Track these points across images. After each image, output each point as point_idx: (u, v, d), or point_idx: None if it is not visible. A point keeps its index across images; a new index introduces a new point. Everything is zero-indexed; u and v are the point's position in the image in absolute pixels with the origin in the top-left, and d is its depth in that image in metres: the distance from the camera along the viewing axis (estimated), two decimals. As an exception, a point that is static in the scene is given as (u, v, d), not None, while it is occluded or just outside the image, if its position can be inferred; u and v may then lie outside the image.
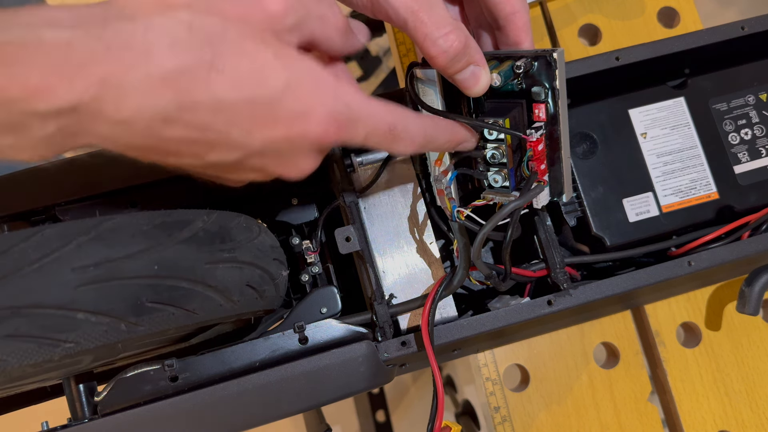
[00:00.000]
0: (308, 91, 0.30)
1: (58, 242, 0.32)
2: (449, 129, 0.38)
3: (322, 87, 0.31)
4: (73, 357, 0.33)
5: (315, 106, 0.30)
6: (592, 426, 0.58)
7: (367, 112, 0.32)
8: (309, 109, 0.30)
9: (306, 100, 0.30)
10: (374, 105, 0.33)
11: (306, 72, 0.30)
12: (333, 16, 0.34)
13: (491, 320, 0.43)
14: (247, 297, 0.39)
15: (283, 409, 0.41)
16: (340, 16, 0.34)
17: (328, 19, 0.33)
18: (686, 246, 0.48)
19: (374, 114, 0.33)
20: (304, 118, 0.30)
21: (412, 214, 0.47)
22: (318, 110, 0.30)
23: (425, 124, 0.36)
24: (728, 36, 0.48)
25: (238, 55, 0.28)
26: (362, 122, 0.32)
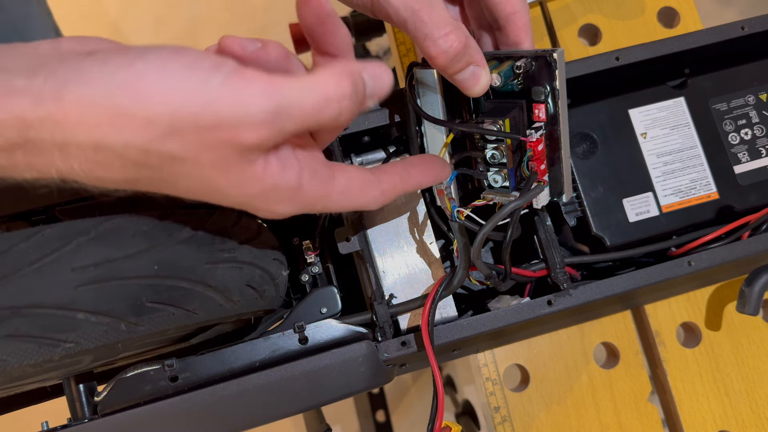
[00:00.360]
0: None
1: (58, 242, 0.32)
2: (420, 177, 0.38)
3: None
4: (73, 357, 0.33)
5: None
6: (592, 426, 0.58)
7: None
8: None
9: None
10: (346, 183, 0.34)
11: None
12: (315, 106, 0.29)
13: (491, 320, 0.43)
14: (247, 297, 0.39)
15: (283, 409, 0.41)
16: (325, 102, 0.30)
17: (311, 115, 0.29)
18: (686, 246, 0.48)
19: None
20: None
21: (412, 214, 0.47)
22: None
23: (395, 182, 0.36)
24: (728, 36, 0.48)
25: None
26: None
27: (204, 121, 0.27)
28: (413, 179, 0.37)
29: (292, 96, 0.28)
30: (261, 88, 0.27)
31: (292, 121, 0.28)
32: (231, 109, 0.27)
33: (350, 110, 0.30)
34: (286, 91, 0.28)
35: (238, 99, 0.27)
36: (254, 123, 0.27)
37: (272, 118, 0.28)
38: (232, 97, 0.27)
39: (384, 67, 0.32)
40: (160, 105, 0.26)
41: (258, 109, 0.27)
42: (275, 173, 0.30)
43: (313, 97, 0.29)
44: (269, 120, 0.28)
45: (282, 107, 0.28)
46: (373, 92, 0.32)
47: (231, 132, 0.27)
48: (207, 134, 0.27)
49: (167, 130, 0.27)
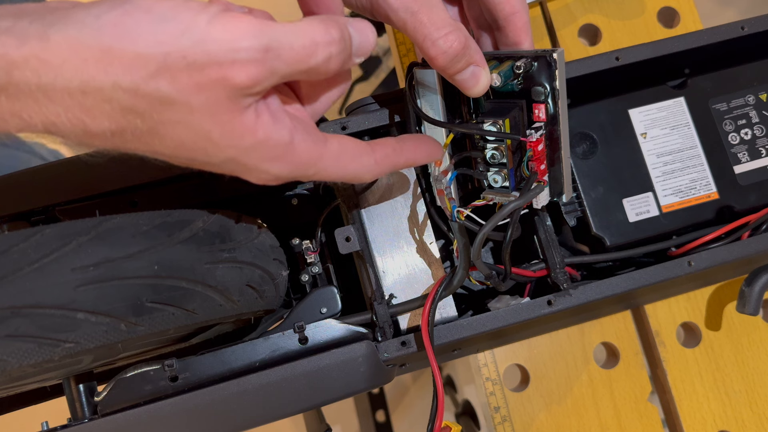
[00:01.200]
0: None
1: (58, 242, 0.32)
2: (411, 154, 0.38)
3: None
4: (73, 357, 0.33)
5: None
6: (592, 426, 0.58)
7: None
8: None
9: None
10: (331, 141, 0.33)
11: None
12: (309, 50, 0.29)
13: (491, 320, 0.43)
14: (247, 297, 0.39)
15: (283, 409, 0.41)
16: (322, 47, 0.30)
17: (305, 59, 0.29)
18: (686, 246, 0.48)
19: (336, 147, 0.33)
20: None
21: (412, 214, 0.47)
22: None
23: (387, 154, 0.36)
24: (728, 36, 0.48)
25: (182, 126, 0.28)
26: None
27: (194, 58, 0.26)
28: (406, 152, 0.37)
29: (282, 37, 0.28)
30: (251, 25, 0.27)
31: (283, 62, 0.28)
32: (221, 46, 0.27)
33: (339, 59, 0.30)
34: (276, 31, 0.28)
35: (227, 36, 0.27)
36: (245, 59, 0.27)
37: (262, 56, 0.27)
38: (222, 34, 0.27)
39: (369, 24, 0.32)
40: (148, 43, 0.26)
41: (248, 44, 0.27)
42: (267, 125, 0.30)
43: (302, 39, 0.28)
44: (260, 58, 0.27)
45: (273, 45, 0.27)
46: (359, 47, 0.31)
47: (222, 70, 0.27)
48: (197, 73, 0.27)
49: (156, 69, 0.26)
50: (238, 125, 0.29)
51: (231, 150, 0.30)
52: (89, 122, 0.27)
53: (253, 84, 0.28)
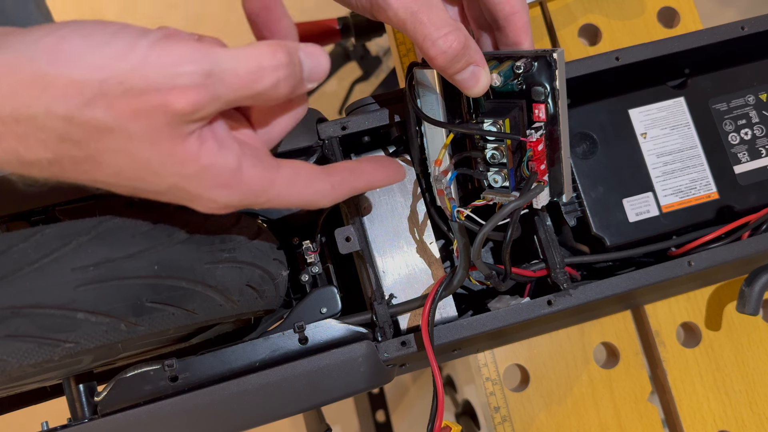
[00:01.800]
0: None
1: (58, 242, 0.32)
2: (367, 178, 0.37)
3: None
4: (73, 357, 0.33)
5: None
6: (592, 426, 0.58)
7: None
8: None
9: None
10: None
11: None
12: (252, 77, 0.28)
13: (491, 320, 0.43)
14: (247, 297, 0.39)
15: (283, 409, 0.41)
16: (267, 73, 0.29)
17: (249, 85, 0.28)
18: (686, 246, 0.48)
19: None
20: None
21: (412, 214, 0.47)
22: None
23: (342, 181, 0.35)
24: (728, 36, 0.48)
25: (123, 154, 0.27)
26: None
27: (131, 84, 0.25)
28: (365, 175, 0.36)
29: (226, 62, 0.27)
30: (193, 50, 0.26)
31: (226, 87, 0.27)
32: (159, 71, 0.26)
33: (287, 84, 0.29)
34: (219, 56, 0.27)
35: (167, 60, 0.26)
36: (185, 85, 0.26)
37: (204, 81, 0.26)
38: (161, 59, 0.26)
39: (321, 49, 0.31)
40: (84, 68, 0.25)
41: (188, 69, 0.26)
42: (212, 152, 0.29)
43: (247, 65, 0.27)
44: (201, 83, 0.26)
45: (214, 70, 0.26)
46: (311, 73, 0.31)
47: (160, 96, 0.26)
48: (135, 99, 0.26)
49: (92, 96, 0.25)
50: (179, 152, 0.28)
51: (172, 178, 0.29)
52: (23, 151, 0.26)
53: (194, 110, 0.27)
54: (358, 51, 1.34)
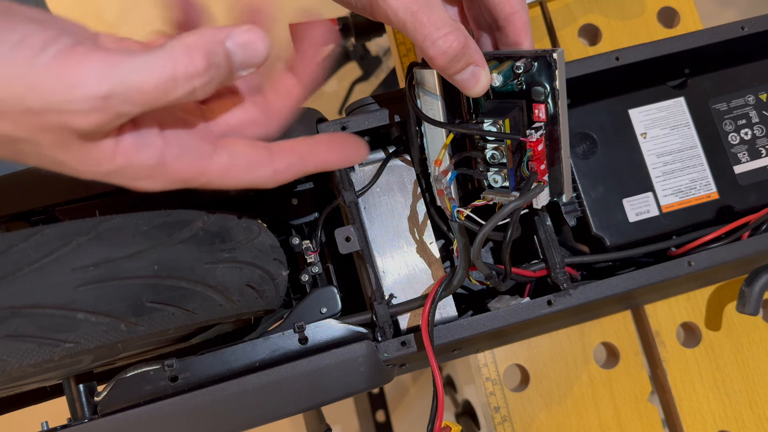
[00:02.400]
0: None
1: (58, 242, 0.32)
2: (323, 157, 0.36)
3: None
4: (73, 357, 0.33)
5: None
6: (592, 426, 0.58)
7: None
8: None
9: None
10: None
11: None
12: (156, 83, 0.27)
13: (491, 320, 0.43)
14: (247, 297, 0.39)
15: (283, 409, 0.41)
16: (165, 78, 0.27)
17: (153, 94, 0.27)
18: (686, 246, 0.48)
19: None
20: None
21: (412, 214, 0.47)
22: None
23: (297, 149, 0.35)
24: (728, 36, 0.48)
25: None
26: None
27: (30, 105, 0.25)
28: (315, 159, 0.35)
29: (131, 76, 0.26)
30: (93, 70, 0.25)
31: (132, 105, 0.26)
32: (56, 95, 0.25)
33: (209, 87, 0.28)
34: (124, 71, 0.26)
35: (63, 83, 0.25)
36: (82, 110, 0.25)
37: (103, 104, 0.25)
38: (58, 80, 0.25)
39: (255, 31, 0.29)
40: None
41: (85, 94, 0.25)
42: (129, 151, 0.29)
43: (156, 77, 0.26)
44: (100, 106, 0.25)
45: (116, 91, 0.25)
46: (244, 62, 0.29)
47: (61, 117, 0.26)
48: (36, 117, 0.26)
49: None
50: (93, 155, 0.28)
51: (92, 174, 0.29)
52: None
53: (97, 129, 0.27)
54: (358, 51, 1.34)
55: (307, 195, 0.50)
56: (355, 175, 0.47)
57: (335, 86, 1.43)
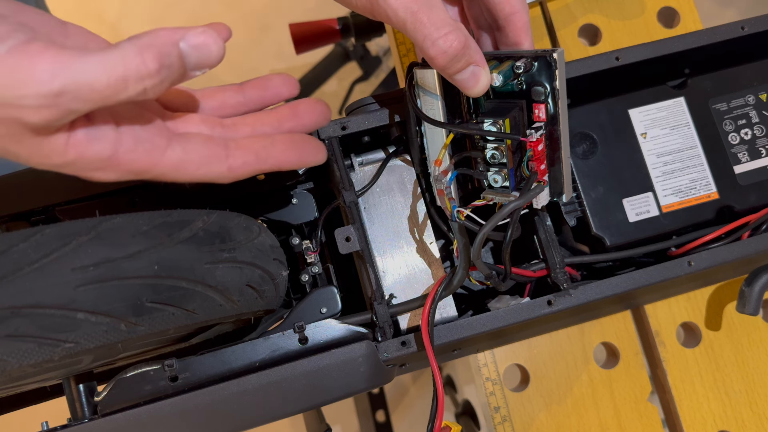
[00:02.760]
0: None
1: (58, 242, 0.32)
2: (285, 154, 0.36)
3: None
4: (73, 357, 0.33)
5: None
6: (592, 426, 0.58)
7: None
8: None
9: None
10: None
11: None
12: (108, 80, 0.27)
13: (491, 320, 0.43)
14: (247, 297, 0.39)
15: (283, 409, 0.41)
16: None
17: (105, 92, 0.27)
18: (686, 246, 0.48)
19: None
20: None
21: (412, 214, 0.47)
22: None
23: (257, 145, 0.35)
24: (728, 36, 0.48)
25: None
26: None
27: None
28: (272, 159, 0.35)
29: (83, 75, 0.26)
30: (45, 67, 0.26)
31: (83, 102, 0.27)
32: (7, 89, 0.25)
33: (161, 86, 0.28)
34: (76, 69, 0.26)
35: (15, 79, 0.25)
36: (34, 105, 0.26)
37: (53, 101, 0.26)
38: (10, 76, 0.25)
39: (209, 32, 0.29)
40: None
41: (36, 91, 0.26)
42: (80, 144, 0.29)
43: (107, 76, 0.26)
44: (50, 103, 0.26)
45: (67, 88, 0.26)
46: (198, 63, 0.29)
47: (12, 111, 0.26)
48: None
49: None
50: (44, 148, 0.28)
51: (43, 165, 0.30)
52: None
53: (48, 124, 0.27)
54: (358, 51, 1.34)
55: (307, 195, 0.50)
56: (355, 175, 0.47)
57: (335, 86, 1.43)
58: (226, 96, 0.38)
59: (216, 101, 0.38)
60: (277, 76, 0.39)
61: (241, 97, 0.38)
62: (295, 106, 0.38)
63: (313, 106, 0.38)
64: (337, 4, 0.40)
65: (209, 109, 0.38)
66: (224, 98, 0.38)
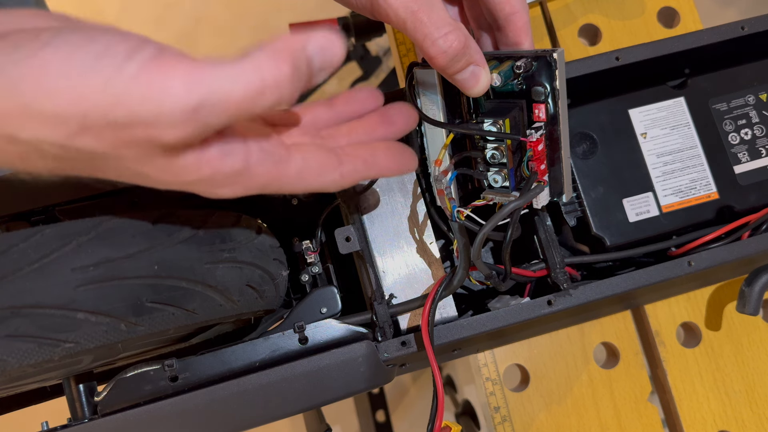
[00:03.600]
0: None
1: (58, 242, 0.32)
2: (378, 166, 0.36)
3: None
4: (73, 357, 0.33)
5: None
6: (592, 426, 0.58)
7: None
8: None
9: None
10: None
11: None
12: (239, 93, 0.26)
13: (491, 320, 0.43)
14: (247, 297, 0.39)
15: (283, 409, 0.41)
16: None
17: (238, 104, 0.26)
18: (686, 246, 0.48)
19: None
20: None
21: (412, 214, 0.47)
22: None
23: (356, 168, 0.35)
24: (728, 36, 0.48)
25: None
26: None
27: (115, 117, 0.24)
28: (378, 166, 0.36)
29: (220, 87, 0.25)
30: (181, 80, 0.24)
31: (220, 116, 0.25)
32: (143, 107, 0.24)
33: (293, 93, 0.27)
34: (212, 81, 0.25)
35: (151, 94, 0.24)
36: (171, 122, 0.25)
37: (192, 115, 0.25)
38: (145, 92, 0.24)
39: (331, 34, 0.28)
40: (66, 101, 0.24)
41: (174, 106, 0.24)
42: (214, 161, 0.28)
43: (245, 86, 0.25)
44: (189, 118, 0.25)
45: (205, 102, 0.25)
46: (322, 66, 0.28)
47: (147, 130, 0.25)
48: (121, 132, 0.25)
49: (78, 128, 0.24)
50: (176, 167, 0.27)
51: (175, 185, 0.29)
52: (23, 165, 0.27)
53: (185, 141, 0.26)
54: (358, 51, 1.34)
55: (307, 195, 0.50)
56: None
57: (335, 86, 1.43)
58: (318, 111, 0.38)
59: (309, 116, 0.37)
60: (364, 88, 0.39)
61: (332, 112, 0.38)
62: (385, 112, 0.38)
63: (402, 109, 0.38)
64: (337, 4, 0.40)
65: (303, 124, 0.37)
66: (316, 113, 0.38)
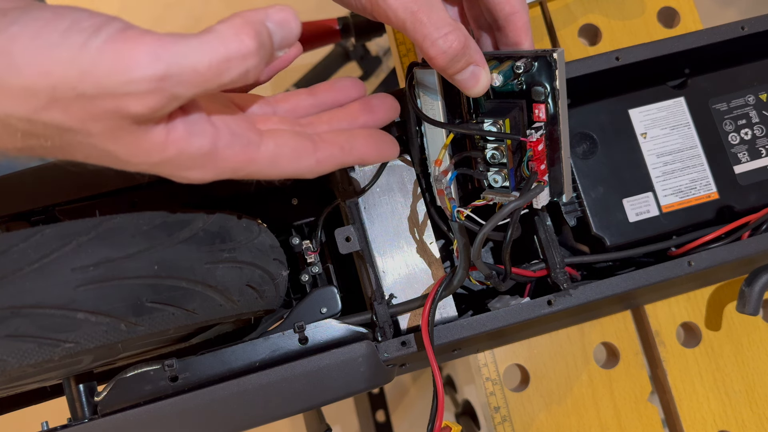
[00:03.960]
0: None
1: (58, 242, 0.32)
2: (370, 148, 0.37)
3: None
4: (73, 357, 0.33)
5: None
6: (592, 426, 0.58)
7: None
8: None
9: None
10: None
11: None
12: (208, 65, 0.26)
13: (491, 320, 0.43)
14: (247, 297, 0.39)
15: (283, 409, 0.41)
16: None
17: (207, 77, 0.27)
18: (686, 246, 0.48)
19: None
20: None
21: (412, 214, 0.47)
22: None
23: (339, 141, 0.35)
24: (728, 36, 0.48)
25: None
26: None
27: (84, 90, 0.25)
28: (356, 152, 0.36)
29: (185, 58, 0.25)
30: (147, 51, 0.25)
31: (187, 86, 0.26)
32: (111, 77, 0.25)
33: (260, 67, 0.28)
34: (178, 52, 0.25)
35: (118, 64, 0.25)
36: (139, 91, 0.25)
37: (158, 85, 0.25)
38: (112, 63, 0.25)
39: (287, 9, 0.29)
40: (34, 74, 0.24)
41: (141, 75, 0.25)
42: (181, 140, 0.28)
43: (210, 58, 0.26)
44: (156, 87, 0.25)
45: (172, 71, 0.25)
46: (281, 42, 0.29)
47: (115, 101, 0.25)
48: (90, 104, 0.25)
49: (47, 101, 0.25)
50: (144, 144, 0.28)
51: (142, 165, 0.29)
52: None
53: (152, 112, 0.26)
54: (358, 51, 1.34)
55: (307, 195, 0.50)
56: (355, 175, 0.47)
57: (335, 86, 1.43)
58: (299, 99, 0.38)
59: (289, 104, 0.38)
60: (346, 78, 0.39)
61: (313, 99, 0.38)
62: (367, 101, 0.38)
63: (385, 100, 0.39)
64: (336, 4, 0.40)
65: (283, 111, 0.37)
66: (297, 101, 0.38)
